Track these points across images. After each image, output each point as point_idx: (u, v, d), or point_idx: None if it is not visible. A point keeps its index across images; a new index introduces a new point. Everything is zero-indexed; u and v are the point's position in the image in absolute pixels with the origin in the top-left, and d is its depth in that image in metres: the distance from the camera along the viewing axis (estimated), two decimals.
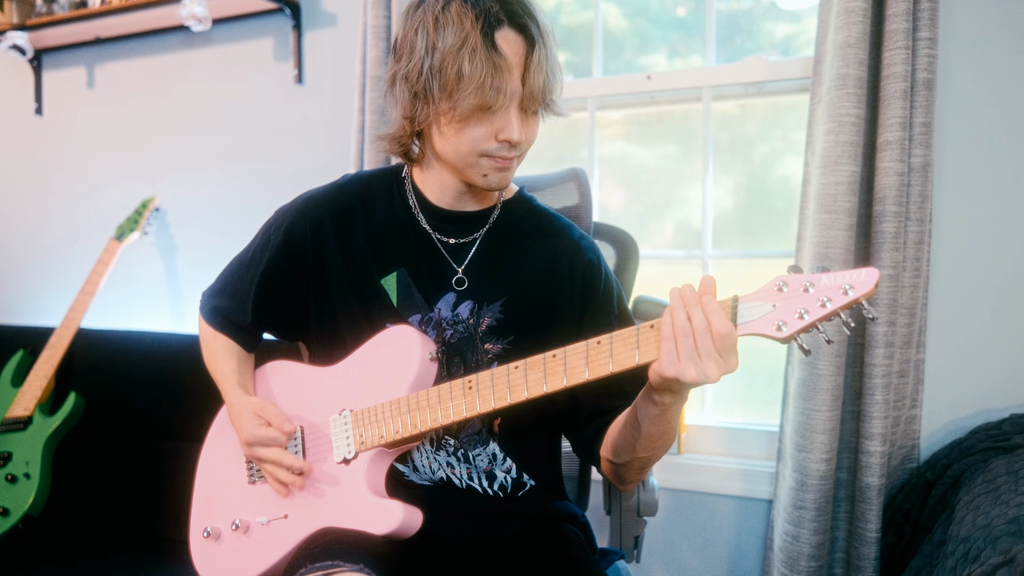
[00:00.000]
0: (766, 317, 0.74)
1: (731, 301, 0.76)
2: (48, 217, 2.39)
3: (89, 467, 1.80)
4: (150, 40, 2.21)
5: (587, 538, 1.07)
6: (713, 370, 0.74)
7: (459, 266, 1.00)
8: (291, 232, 1.03)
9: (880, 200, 1.40)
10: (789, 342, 0.74)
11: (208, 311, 1.11)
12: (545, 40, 0.90)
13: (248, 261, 1.07)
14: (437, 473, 0.99)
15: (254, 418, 0.99)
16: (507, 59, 0.86)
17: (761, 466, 1.67)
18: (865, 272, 0.71)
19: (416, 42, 0.89)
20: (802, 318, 0.72)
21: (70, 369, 1.88)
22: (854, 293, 0.70)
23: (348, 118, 1.92)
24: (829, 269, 0.73)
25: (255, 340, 1.11)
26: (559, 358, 0.83)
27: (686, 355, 0.75)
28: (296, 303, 1.06)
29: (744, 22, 1.80)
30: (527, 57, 0.88)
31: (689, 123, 1.84)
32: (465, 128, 0.90)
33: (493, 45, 0.85)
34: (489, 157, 0.92)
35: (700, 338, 0.74)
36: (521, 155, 0.95)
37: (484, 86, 0.85)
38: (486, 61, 0.85)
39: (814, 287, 0.72)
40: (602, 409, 0.98)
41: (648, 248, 1.87)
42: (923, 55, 1.39)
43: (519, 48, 0.88)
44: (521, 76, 0.88)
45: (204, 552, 1.04)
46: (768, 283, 0.75)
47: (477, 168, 0.93)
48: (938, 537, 1.25)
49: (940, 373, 1.50)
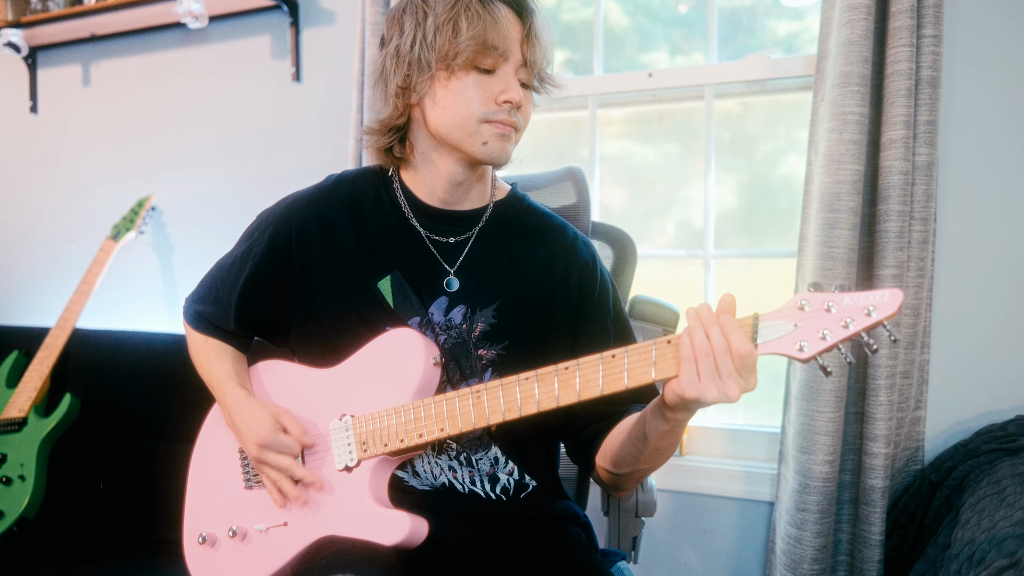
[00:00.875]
0: (787, 337, 0.73)
1: (751, 320, 0.75)
2: (43, 216, 2.38)
3: (84, 469, 1.79)
4: (146, 37, 2.20)
5: (589, 539, 1.06)
6: (734, 390, 0.74)
7: (451, 267, 0.99)
8: (275, 239, 1.01)
9: (884, 199, 1.40)
10: (810, 362, 0.73)
11: (192, 316, 1.09)
12: (539, 16, 0.93)
13: (230, 267, 1.05)
14: (439, 478, 0.98)
15: (272, 421, 0.96)
16: (501, 20, 0.89)
17: (763, 468, 1.66)
18: (888, 293, 0.70)
19: (405, 21, 0.92)
20: (824, 339, 0.71)
21: (65, 370, 1.88)
22: (877, 315, 0.70)
23: (346, 116, 1.91)
24: (848, 287, 0.72)
25: (247, 341, 1.10)
26: (572, 371, 0.81)
27: (707, 375, 0.74)
28: (281, 309, 1.03)
29: (746, 19, 1.79)
30: (523, 27, 0.91)
31: (691, 121, 1.83)
32: (464, 92, 0.91)
33: (486, 3, 0.89)
34: (489, 122, 0.92)
35: (720, 358, 0.74)
36: (519, 129, 0.96)
37: (485, 35, 0.88)
38: (484, 13, 0.89)
39: (836, 307, 0.71)
40: (599, 415, 0.97)
41: (649, 248, 1.86)
42: (927, 52, 1.38)
43: (514, 20, 0.91)
44: (519, 43, 0.91)
45: (200, 559, 1.02)
46: (789, 301, 0.74)
47: (477, 136, 0.92)
48: (943, 540, 1.25)
49: (945, 374, 1.49)
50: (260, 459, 0.96)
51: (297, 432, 0.95)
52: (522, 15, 0.92)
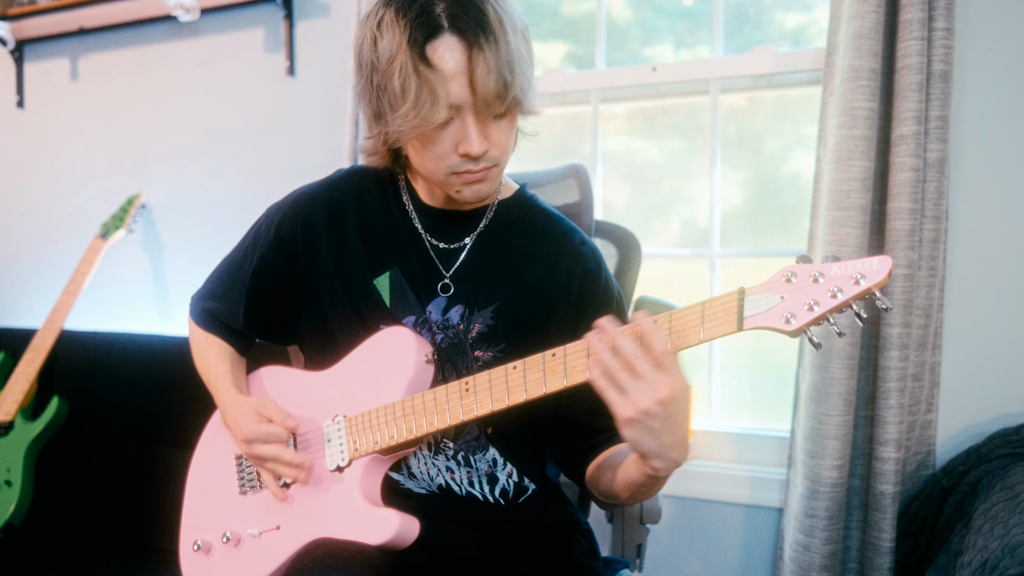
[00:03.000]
0: (774, 309, 0.71)
1: (737, 293, 0.73)
2: (30, 214, 2.36)
3: (73, 474, 1.78)
4: (136, 30, 2.17)
5: (591, 546, 1.05)
6: (643, 398, 0.72)
7: (447, 271, 0.98)
8: (282, 229, 1.01)
9: (894, 197, 1.38)
10: (799, 335, 0.71)
11: (198, 314, 1.09)
12: (495, 35, 0.81)
13: (239, 261, 1.05)
14: (436, 479, 0.97)
15: (254, 415, 0.96)
16: (442, 70, 0.81)
17: (771, 473, 1.64)
18: (877, 260, 0.68)
19: (363, 57, 0.86)
20: (812, 310, 0.69)
21: (53, 372, 1.86)
22: (866, 283, 0.68)
23: (342, 111, 1.89)
24: (840, 258, 0.71)
25: (248, 343, 1.10)
26: (559, 357, 0.81)
27: (628, 386, 0.73)
28: (288, 303, 1.03)
29: (753, 12, 1.78)
30: (469, 61, 0.80)
31: (696, 117, 1.81)
32: (425, 146, 0.86)
33: (423, 58, 0.80)
34: (456, 174, 0.88)
35: (636, 362, 0.73)
36: (497, 164, 0.90)
37: (419, 105, 0.80)
38: (414, 76, 0.80)
39: (824, 277, 0.70)
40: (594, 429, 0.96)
41: (653, 247, 1.84)
42: (939, 46, 1.36)
43: (459, 54, 0.81)
44: (468, 82, 0.81)
45: (194, 566, 1.02)
46: (776, 273, 0.73)
47: (449, 185, 0.91)
48: (955, 547, 1.24)
49: (957, 376, 1.47)
50: (251, 454, 0.96)
51: (280, 418, 0.95)
52: (466, 41, 0.81)
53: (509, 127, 0.88)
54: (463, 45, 0.80)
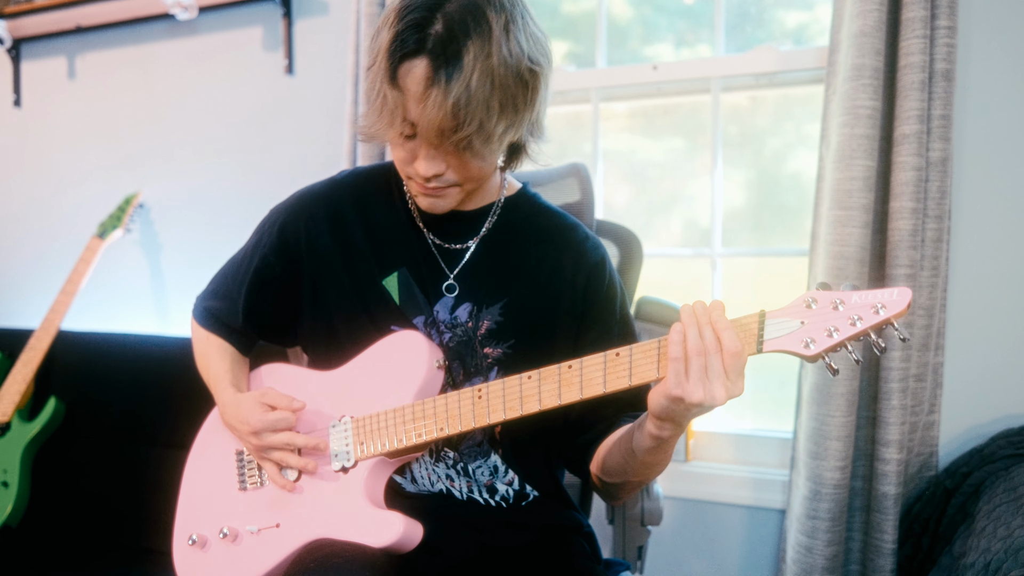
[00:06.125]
0: (794, 334, 0.73)
1: (758, 316, 0.75)
2: (27, 214, 2.35)
3: (70, 475, 1.77)
4: (134, 29, 2.17)
5: (592, 549, 1.05)
6: (720, 392, 0.73)
7: (451, 271, 0.98)
8: (285, 230, 1.01)
9: (897, 196, 1.38)
10: (817, 360, 0.73)
11: (200, 313, 1.09)
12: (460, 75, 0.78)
13: (240, 260, 1.06)
14: (436, 485, 0.97)
15: (257, 407, 0.95)
16: (404, 91, 0.81)
17: (773, 474, 1.64)
18: (897, 292, 0.70)
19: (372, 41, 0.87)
20: (831, 336, 0.71)
21: (50, 373, 1.85)
22: (886, 312, 0.70)
23: (341, 110, 1.89)
24: (859, 287, 0.73)
25: (249, 343, 1.09)
26: (575, 369, 0.81)
27: (695, 375, 0.73)
28: (290, 303, 1.03)
29: (754, 10, 1.77)
30: (426, 91, 0.80)
31: (697, 116, 1.81)
32: (392, 147, 0.89)
33: (393, 74, 0.81)
34: (414, 181, 0.90)
35: (710, 358, 0.73)
36: (459, 186, 0.90)
37: (381, 113, 0.83)
38: (379, 89, 0.83)
39: (844, 305, 0.72)
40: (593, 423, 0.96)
41: (654, 246, 1.83)
42: (942, 44, 1.36)
43: (421, 81, 0.80)
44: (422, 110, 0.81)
45: (188, 561, 1.01)
46: (797, 299, 0.75)
47: (411, 189, 0.93)
48: (957, 548, 1.24)
49: (959, 377, 1.47)
50: (260, 445, 0.95)
51: (284, 403, 0.95)
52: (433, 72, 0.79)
53: (473, 158, 0.86)
54: (428, 73, 0.79)
